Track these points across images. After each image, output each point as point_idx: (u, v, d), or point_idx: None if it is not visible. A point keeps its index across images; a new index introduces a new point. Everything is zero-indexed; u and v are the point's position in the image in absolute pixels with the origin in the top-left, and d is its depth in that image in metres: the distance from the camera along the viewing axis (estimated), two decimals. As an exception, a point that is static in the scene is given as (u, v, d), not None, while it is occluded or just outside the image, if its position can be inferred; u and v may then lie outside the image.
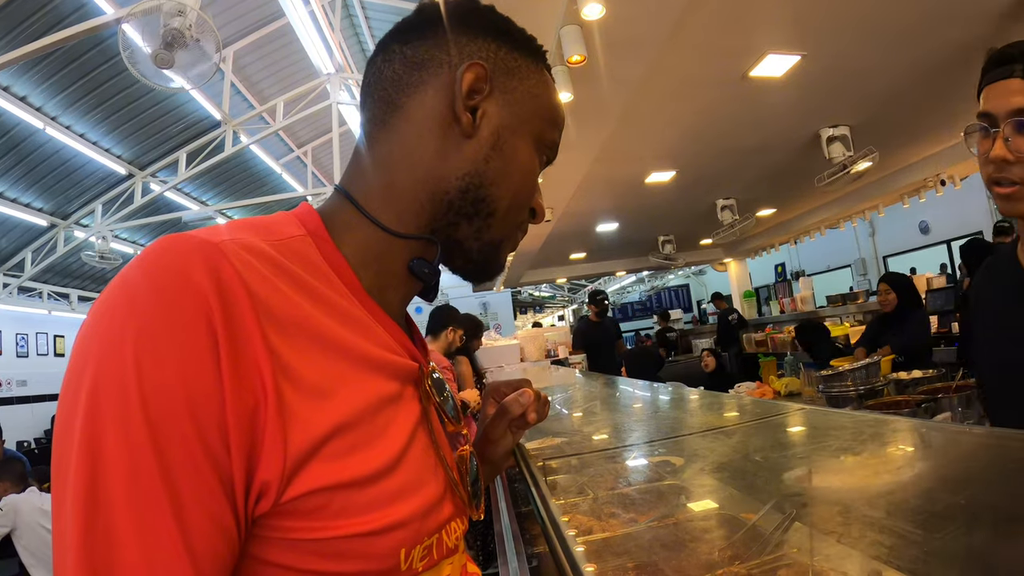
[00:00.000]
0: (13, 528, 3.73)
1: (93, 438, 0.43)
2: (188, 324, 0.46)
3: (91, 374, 0.45)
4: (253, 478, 0.48)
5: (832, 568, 0.60)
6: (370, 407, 0.57)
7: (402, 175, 0.67)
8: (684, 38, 3.25)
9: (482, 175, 0.67)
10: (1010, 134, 1.07)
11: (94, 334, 0.47)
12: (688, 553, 0.72)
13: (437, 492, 0.64)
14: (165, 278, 0.48)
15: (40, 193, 9.20)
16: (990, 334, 1.29)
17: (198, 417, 0.45)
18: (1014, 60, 1.08)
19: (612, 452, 1.36)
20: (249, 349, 0.48)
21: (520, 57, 0.71)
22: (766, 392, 4.19)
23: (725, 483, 1.01)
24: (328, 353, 0.55)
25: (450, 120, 0.66)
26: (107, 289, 0.49)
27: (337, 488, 0.51)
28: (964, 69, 4.20)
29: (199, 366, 0.46)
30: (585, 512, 0.91)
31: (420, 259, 0.68)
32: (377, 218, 0.66)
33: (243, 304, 0.49)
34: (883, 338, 4.22)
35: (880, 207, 8.20)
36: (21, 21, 6.31)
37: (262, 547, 0.50)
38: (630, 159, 5.49)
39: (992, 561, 0.59)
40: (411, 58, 0.68)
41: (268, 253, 0.55)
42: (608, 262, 11.97)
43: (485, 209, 0.68)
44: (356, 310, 0.61)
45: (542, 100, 0.72)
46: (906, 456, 1.01)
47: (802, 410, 1.41)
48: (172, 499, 0.43)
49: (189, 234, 0.52)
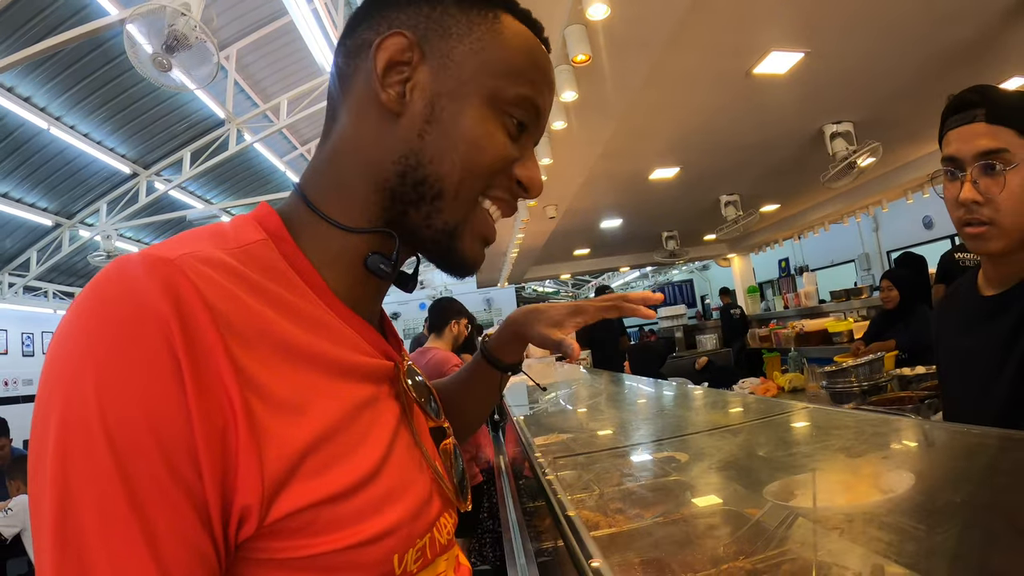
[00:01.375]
0: (24, 529, 3.76)
1: (61, 474, 0.42)
2: (147, 351, 0.44)
3: (56, 410, 0.44)
4: (232, 503, 0.46)
5: (835, 563, 0.60)
6: (347, 415, 0.55)
7: (346, 168, 0.64)
8: (688, 36, 3.25)
9: (418, 153, 0.61)
10: (978, 176, 1.12)
11: (55, 368, 0.46)
12: (693, 548, 0.72)
13: (424, 491, 0.63)
14: (119, 307, 0.46)
15: (45, 193, 9.24)
16: (956, 350, 1.35)
17: (164, 445, 0.44)
18: (976, 105, 1.14)
19: (617, 449, 1.37)
20: (212, 368, 0.46)
21: (461, 12, 0.63)
22: (770, 388, 4.18)
23: (729, 480, 1.02)
24: (297, 364, 0.53)
25: (375, 101, 0.61)
26: (64, 320, 0.48)
27: (321, 504, 0.50)
28: (968, 66, 4.22)
29: (162, 393, 0.44)
30: (591, 508, 0.91)
31: (377, 254, 0.64)
32: (329, 215, 0.63)
33: (203, 321, 0.47)
34: (887, 335, 4.21)
35: (884, 202, 8.17)
36: (24, 23, 6.32)
37: (250, 569, 0.49)
38: (634, 156, 5.48)
39: (992, 558, 0.59)
40: (350, 47, 0.65)
41: (227, 263, 0.52)
42: (612, 258, 11.94)
43: (430, 192, 0.62)
44: (323, 314, 0.59)
45: (491, 52, 0.63)
46: (907, 454, 1.02)
47: (805, 408, 1.43)
48: (144, 529, 0.42)
49: (142, 254, 0.49)
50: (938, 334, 1.43)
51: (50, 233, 10.18)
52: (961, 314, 1.35)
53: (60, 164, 8.74)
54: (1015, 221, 1.11)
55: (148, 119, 8.85)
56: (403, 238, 0.65)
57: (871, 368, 3.26)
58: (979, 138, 1.13)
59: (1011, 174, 1.10)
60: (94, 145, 8.71)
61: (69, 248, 10.17)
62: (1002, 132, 1.11)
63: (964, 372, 1.30)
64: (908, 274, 4.46)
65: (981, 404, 1.21)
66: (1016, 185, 1.10)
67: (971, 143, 1.13)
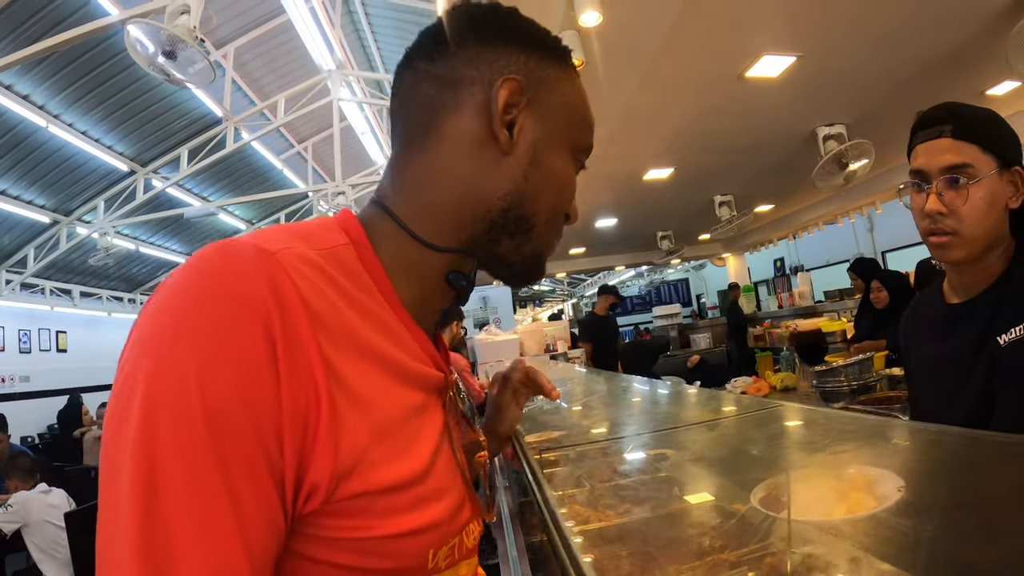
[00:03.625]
0: (24, 524, 3.79)
1: (152, 439, 0.44)
2: (248, 334, 0.48)
3: (148, 378, 0.46)
4: (303, 479, 0.50)
5: (816, 555, 0.62)
6: (404, 416, 0.59)
7: (441, 193, 0.67)
8: (680, 41, 3.29)
9: (522, 193, 0.67)
10: (942, 189, 1.19)
11: (150, 337, 0.48)
12: (680, 541, 0.74)
13: (460, 496, 0.66)
14: (224, 289, 0.49)
15: (43, 190, 9.20)
16: (923, 358, 1.41)
17: (256, 421, 0.47)
18: (943, 121, 1.21)
19: (608, 445, 1.39)
20: (305, 357, 0.50)
21: (550, 65, 0.70)
22: (762, 387, 4.20)
23: (717, 475, 1.05)
24: (371, 363, 0.57)
25: (488, 139, 0.66)
26: (162, 293, 0.50)
27: (379, 492, 0.54)
28: (958, 70, 4.26)
29: (258, 374, 0.47)
30: (582, 503, 0.92)
31: (457, 272, 0.69)
32: (415, 232, 0.66)
33: (299, 314, 0.51)
34: (876, 335, 4.23)
35: (877, 203, 8.21)
36: (24, 21, 6.30)
37: (304, 543, 0.52)
38: (629, 156, 5.51)
39: (973, 553, 0.61)
40: (442, 77, 0.67)
41: (318, 263, 0.56)
42: (607, 256, 11.97)
43: (526, 225, 0.69)
44: (392, 320, 0.62)
45: (575, 107, 0.72)
46: (891, 452, 1.04)
47: (792, 407, 1.45)
48: (231, 496, 0.45)
49: (244, 241, 0.53)
50: (906, 343, 1.48)
51: (48, 230, 10.13)
52: (928, 322, 1.40)
53: (58, 161, 8.70)
54: (976, 232, 1.18)
55: (146, 117, 8.82)
56: (481, 259, 0.71)
57: (861, 368, 3.29)
58: (945, 153, 1.19)
59: (974, 188, 1.16)
60: (92, 143, 8.68)
61: (67, 245, 10.12)
62: (967, 148, 1.18)
63: (932, 379, 1.35)
64: (895, 275, 4.50)
65: (947, 411, 1.26)
66: (978, 198, 1.16)
67: (937, 157, 1.20)
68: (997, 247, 1.21)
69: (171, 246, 13.05)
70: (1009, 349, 1.14)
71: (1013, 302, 1.17)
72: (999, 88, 4.91)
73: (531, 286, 0.90)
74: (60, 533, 3.74)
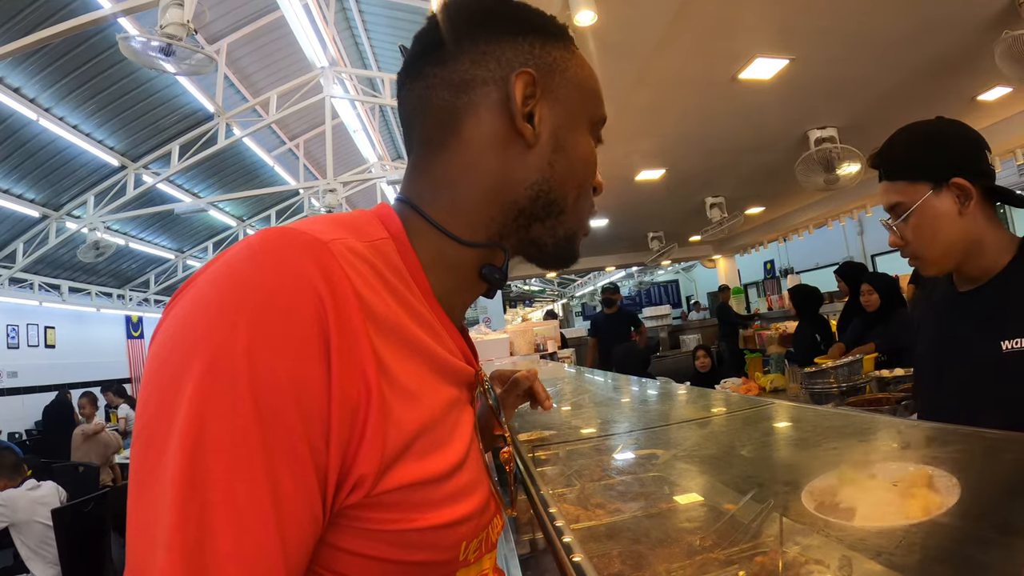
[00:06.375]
0: (11, 523, 3.74)
1: (199, 421, 0.44)
2: (301, 322, 0.47)
3: (201, 360, 0.45)
4: (349, 472, 0.50)
5: (807, 556, 0.61)
6: (442, 410, 0.59)
7: (469, 191, 0.67)
8: (674, 42, 3.30)
9: (549, 180, 0.68)
10: (895, 224, 1.36)
11: (199, 323, 0.47)
12: (670, 540, 0.73)
13: (487, 490, 0.67)
14: (278, 275, 0.49)
15: (32, 184, 9.12)
16: (931, 346, 1.48)
17: (304, 411, 0.46)
18: (878, 167, 1.40)
19: (599, 444, 1.39)
20: (357, 349, 0.50)
21: (554, 47, 0.70)
22: (751, 388, 4.24)
23: (707, 474, 1.05)
24: (415, 357, 0.57)
25: (511, 135, 0.67)
26: (213, 278, 0.50)
27: (419, 484, 0.54)
28: (948, 74, 4.29)
29: (309, 363, 0.47)
30: (572, 502, 0.91)
31: (490, 265, 0.70)
32: (448, 229, 0.67)
33: (352, 305, 0.51)
34: (866, 338, 4.27)
35: (867, 206, 8.27)
36: (15, 13, 6.26)
37: (341, 536, 0.52)
38: (620, 157, 5.53)
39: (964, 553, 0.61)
40: (454, 81, 0.67)
41: (366, 255, 0.56)
42: (598, 257, 12.00)
43: (556, 209, 0.70)
44: (429, 315, 0.62)
45: (585, 84, 0.72)
46: (880, 451, 1.05)
47: (783, 406, 1.46)
48: (271, 483, 0.45)
49: (298, 230, 0.53)
50: (919, 330, 1.54)
51: (37, 225, 10.04)
52: (939, 308, 1.47)
53: (48, 155, 8.63)
54: (933, 253, 1.33)
55: (137, 112, 8.76)
56: (515, 246, 0.72)
57: (850, 370, 3.33)
58: (885, 195, 1.38)
59: (912, 218, 1.32)
60: (83, 137, 8.60)
61: (56, 240, 10.02)
62: (897, 186, 1.35)
63: (935, 363, 1.44)
64: (884, 278, 4.53)
65: (950, 397, 1.35)
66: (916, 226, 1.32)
67: (883, 199, 1.39)
68: (975, 250, 1.30)
69: (161, 242, 12.98)
70: (1010, 359, 1.19)
71: (1020, 300, 1.24)
72: (990, 94, 4.96)
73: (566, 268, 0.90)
74: (49, 532, 3.71)
